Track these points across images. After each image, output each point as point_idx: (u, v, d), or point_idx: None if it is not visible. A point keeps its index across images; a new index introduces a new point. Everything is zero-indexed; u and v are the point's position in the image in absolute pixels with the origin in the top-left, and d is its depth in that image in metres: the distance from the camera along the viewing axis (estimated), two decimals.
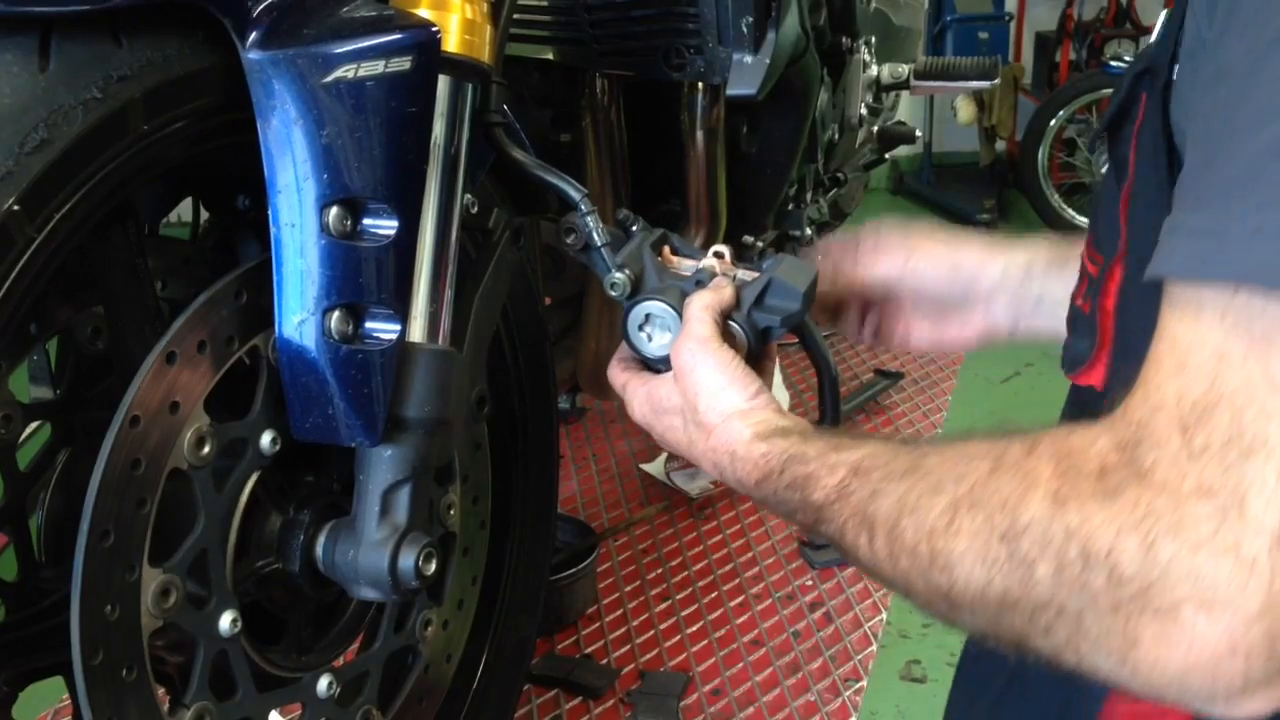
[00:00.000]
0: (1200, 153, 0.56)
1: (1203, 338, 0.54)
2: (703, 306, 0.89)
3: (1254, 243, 0.51)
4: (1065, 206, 4.40)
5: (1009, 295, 1.02)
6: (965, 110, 4.54)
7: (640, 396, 0.92)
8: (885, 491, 0.69)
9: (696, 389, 0.86)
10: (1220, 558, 0.51)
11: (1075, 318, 0.82)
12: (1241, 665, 0.52)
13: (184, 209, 1.08)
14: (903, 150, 4.03)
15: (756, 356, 0.93)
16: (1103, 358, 0.79)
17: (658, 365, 0.93)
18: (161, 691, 0.88)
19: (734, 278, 0.96)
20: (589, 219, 0.96)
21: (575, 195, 0.97)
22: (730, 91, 1.39)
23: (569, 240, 0.97)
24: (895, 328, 1.09)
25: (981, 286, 1.02)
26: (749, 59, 1.37)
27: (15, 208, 0.70)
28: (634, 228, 0.99)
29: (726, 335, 0.90)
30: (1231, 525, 0.51)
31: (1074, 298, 0.83)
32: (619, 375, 0.96)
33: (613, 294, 0.94)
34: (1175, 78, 0.65)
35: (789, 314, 0.93)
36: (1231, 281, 0.52)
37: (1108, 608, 0.55)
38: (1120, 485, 0.55)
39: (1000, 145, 4.77)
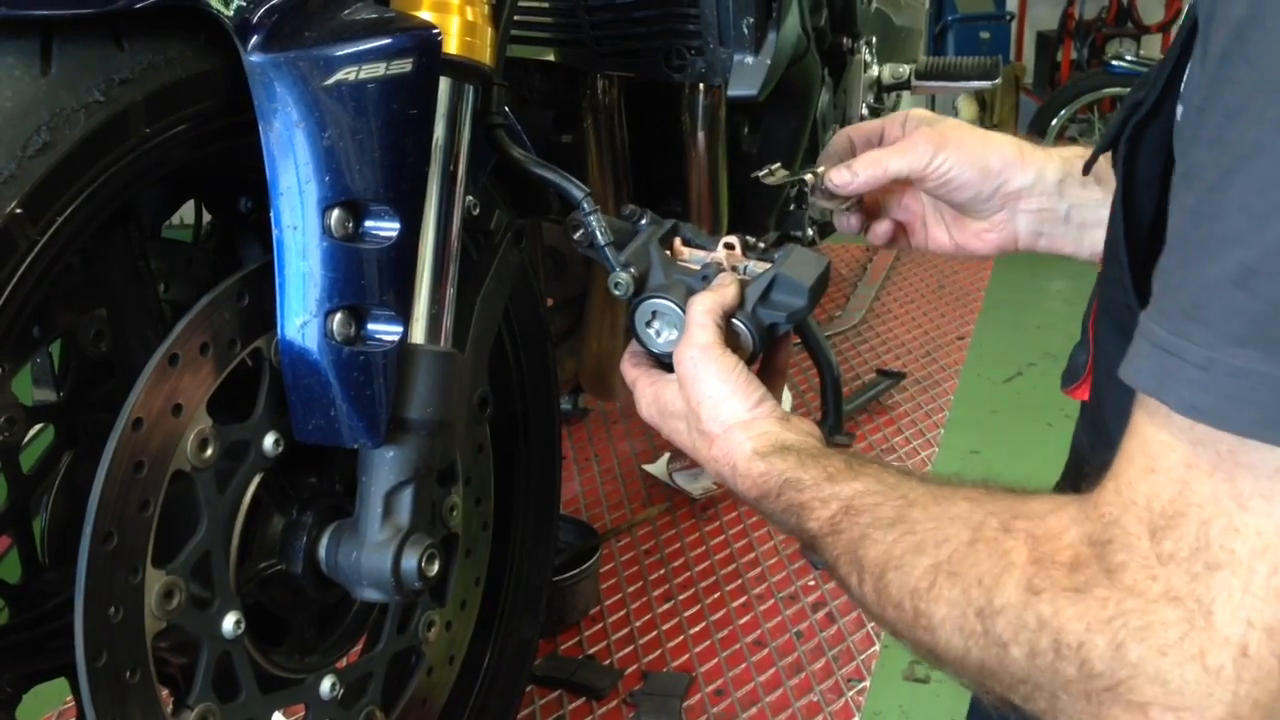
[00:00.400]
0: (1172, 254, 0.56)
1: (1171, 445, 0.55)
2: (704, 310, 0.88)
3: (1206, 379, 0.52)
4: None
5: (1037, 204, 0.99)
6: (967, 110, 4.54)
7: (648, 397, 0.92)
8: (873, 539, 0.71)
9: (699, 398, 0.86)
10: (1187, 664, 0.53)
11: (1083, 327, 0.82)
12: None
13: (186, 211, 1.08)
14: None
15: (762, 352, 0.93)
16: (1089, 372, 0.80)
17: (667, 360, 0.93)
18: (165, 693, 0.89)
19: (744, 269, 0.95)
20: (592, 218, 0.96)
21: (578, 194, 0.98)
22: (731, 92, 1.39)
23: (575, 237, 0.97)
24: (914, 227, 1.06)
25: (1010, 189, 0.98)
26: (750, 60, 1.37)
27: (18, 211, 0.70)
28: (641, 221, 0.99)
29: (730, 335, 0.89)
30: (1198, 634, 0.53)
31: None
32: (630, 371, 0.96)
33: (616, 294, 0.94)
34: (1179, 119, 0.63)
35: (794, 310, 0.92)
36: (1187, 413, 0.53)
37: (1080, 693, 0.57)
38: (1091, 581, 0.57)
39: None
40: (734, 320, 0.91)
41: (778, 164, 1.07)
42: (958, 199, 1.00)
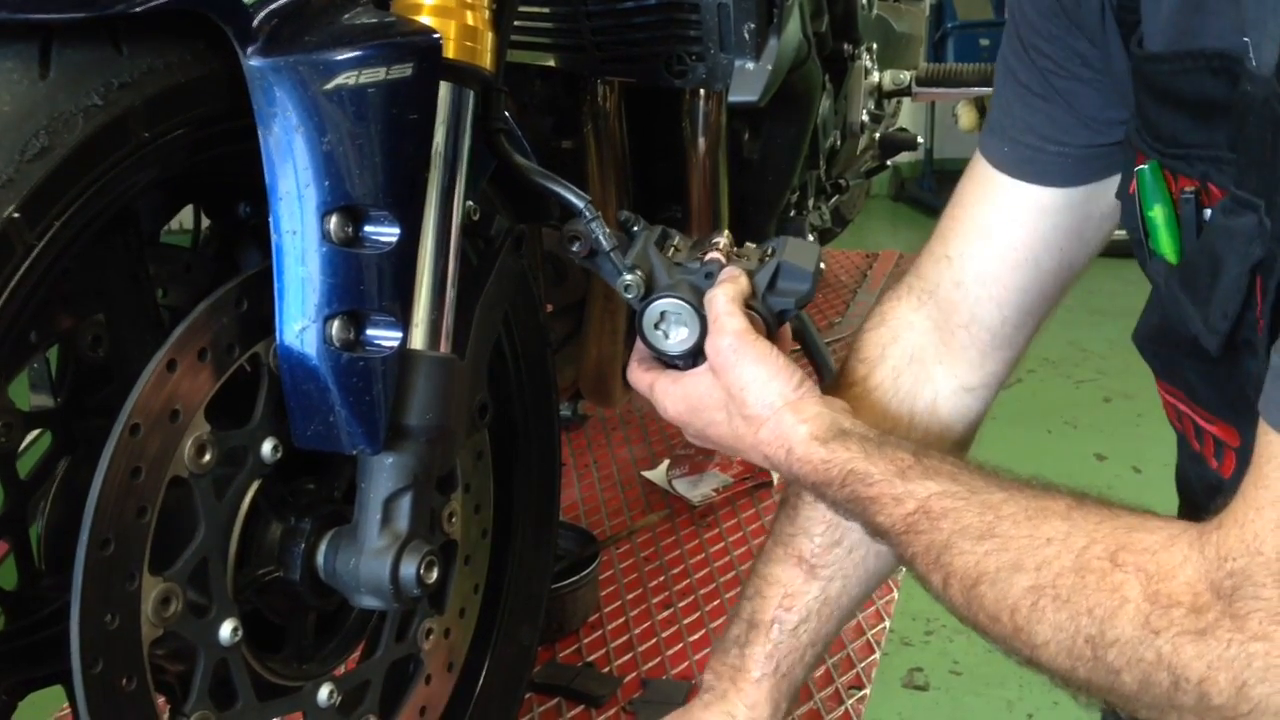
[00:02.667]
0: None
1: None
2: (729, 299, 0.90)
3: None
4: None
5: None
6: (966, 116, 4.53)
7: (674, 395, 0.91)
8: (960, 549, 0.70)
9: (742, 383, 0.86)
10: None
11: (1215, 484, 0.79)
12: None
13: (184, 216, 1.08)
14: (903, 156, 4.03)
15: (773, 340, 0.94)
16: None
17: (677, 362, 0.93)
18: (161, 700, 0.88)
19: (745, 261, 0.96)
20: (594, 224, 0.96)
21: (578, 203, 0.98)
22: (732, 98, 1.39)
23: (573, 248, 0.97)
24: None
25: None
26: (751, 65, 1.37)
27: (15, 215, 0.70)
28: (635, 228, 1.00)
29: (753, 324, 0.90)
30: None
31: (1202, 459, 0.80)
32: (643, 376, 0.95)
33: (627, 296, 0.94)
34: None
35: (801, 295, 0.94)
36: None
37: (1193, 714, 0.59)
38: (1214, 625, 0.58)
39: None
40: (749, 309, 0.92)
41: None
42: None
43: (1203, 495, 0.81)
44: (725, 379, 0.87)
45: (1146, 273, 0.79)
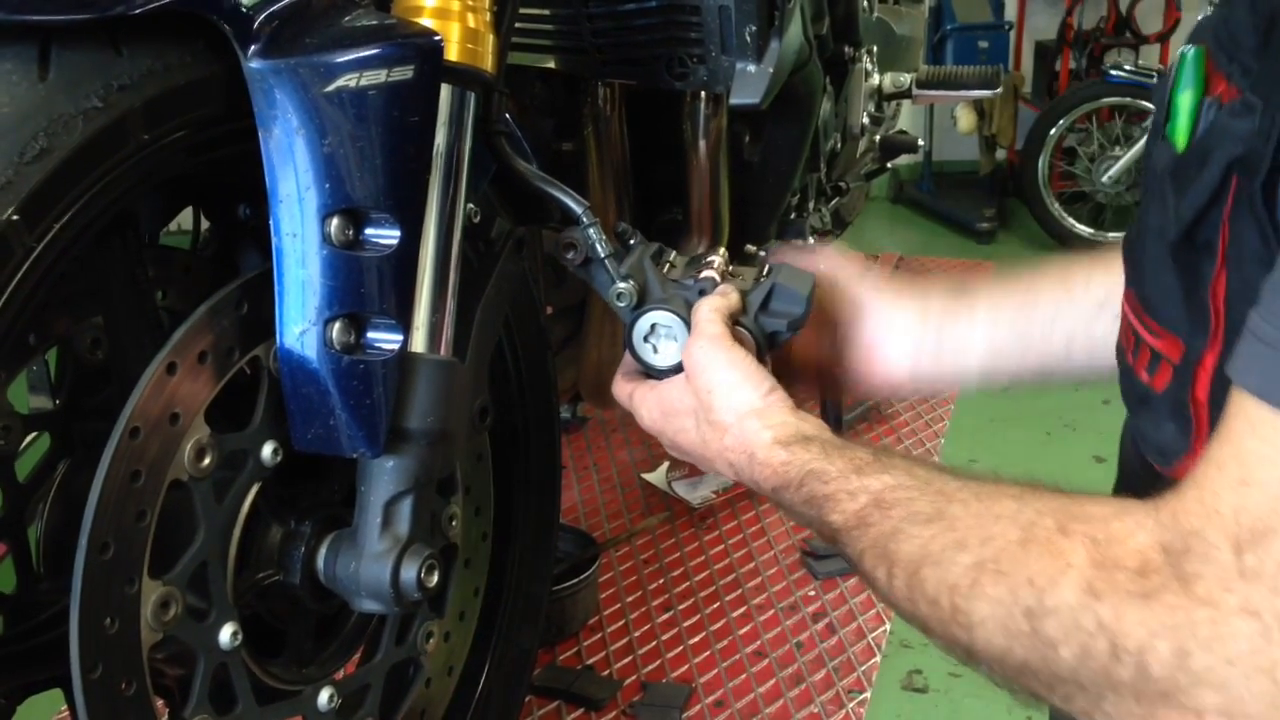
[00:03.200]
0: None
1: (1271, 457, 0.53)
2: (711, 309, 0.89)
3: None
4: (1065, 215, 4.40)
5: (911, 340, 0.99)
6: (965, 119, 4.54)
7: (649, 402, 0.91)
8: (907, 534, 0.68)
9: (710, 386, 0.85)
10: (1255, 676, 0.52)
11: (1143, 397, 0.78)
12: None
13: (184, 218, 1.08)
14: (903, 159, 4.04)
15: (762, 362, 0.93)
16: (1199, 449, 0.77)
17: (661, 377, 0.93)
18: (161, 704, 0.88)
19: (740, 281, 0.96)
20: (591, 230, 0.96)
21: (577, 209, 0.97)
22: (733, 101, 1.39)
23: (569, 256, 0.97)
24: (820, 377, 1.05)
25: (894, 323, 0.99)
26: (752, 68, 1.37)
27: (14, 218, 0.70)
28: (632, 241, 1.00)
29: (737, 338, 0.90)
30: (1273, 649, 0.52)
31: (1133, 371, 0.79)
32: (624, 387, 0.95)
33: (619, 304, 0.94)
34: None
35: (795, 318, 0.93)
36: None
37: (1130, 696, 0.55)
38: (1160, 588, 0.55)
39: (1000, 154, 4.78)
40: (738, 326, 0.91)
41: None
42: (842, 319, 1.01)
43: (1132, 404, 0.80)
44: (696, 383, 0.87)
45: (1149, 161, 0.78)
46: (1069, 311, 0.96)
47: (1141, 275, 0.78)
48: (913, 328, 0.99)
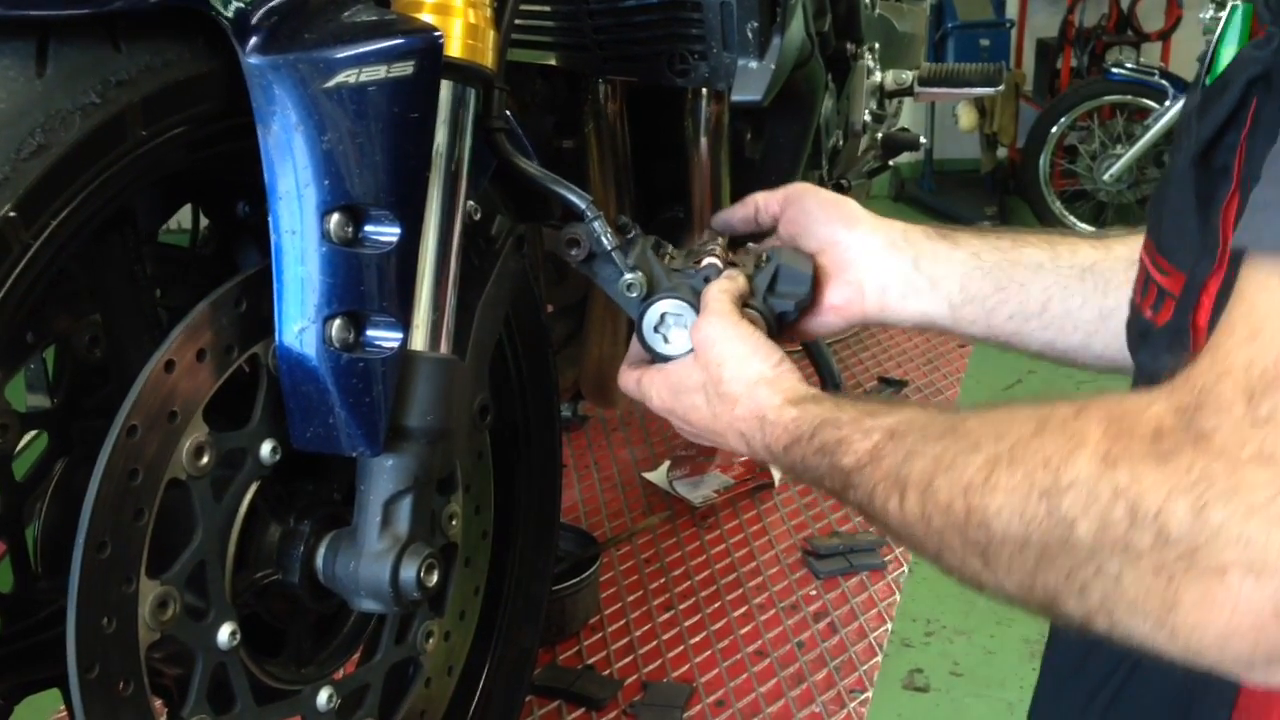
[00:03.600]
0: None
1: None
2: (720, 290, 0.91)
3: None
4: (1066, 214, 4.40)
5: (883, 238, 0.99)
6: (967, 117, 4.53)
7: (659, 384, 0.92)
8: (920, 453, 0.68)
9: (720, 360, 0.87)
10: (1274, 525, 0.50)
11: (1144, 331, 0.79)
12: None
13: (183, 215, 1.07)
14: (904, 157, 4.04)
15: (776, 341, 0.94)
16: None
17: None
18: (159, 704, 0.87)
19: (743, 266, 0.97)
20: (596, 224, 0.96)
21: (580, 204, 0.97)
22: (735, 97, 1.38)
23: (572, 252, 0.97)
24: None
25: (860, 222, 0.99)
26: (754, 64, 1.36)
27: (12, 214, 0.69)
28: (631, 234, 1.00)
29: (747, 319, 0.91)
30: None
31: (1139, 309, 0.80)
32: (631, 375, 0.96)
33: (629, 296, 0.94)
34: None
35: (801, 298, 0.95)
36: None
37: (1150, 569, 0.54)
38: (1176, 448, 0.54)
39: (1001, 152, 4.77)
40: (748, 309, 0.93)
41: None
42: (811, 230, 1.01)
43: (1133, 341, 0.82)
44: (706, 357, 0.88)
45: (1185, 117, 0.79)
46: (1051, 272, 0.97)
47: (1160, 219, 0.79)
48: (888, 252, 0.99)
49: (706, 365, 0.88)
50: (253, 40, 0.79)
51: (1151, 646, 0.56)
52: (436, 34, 0.85)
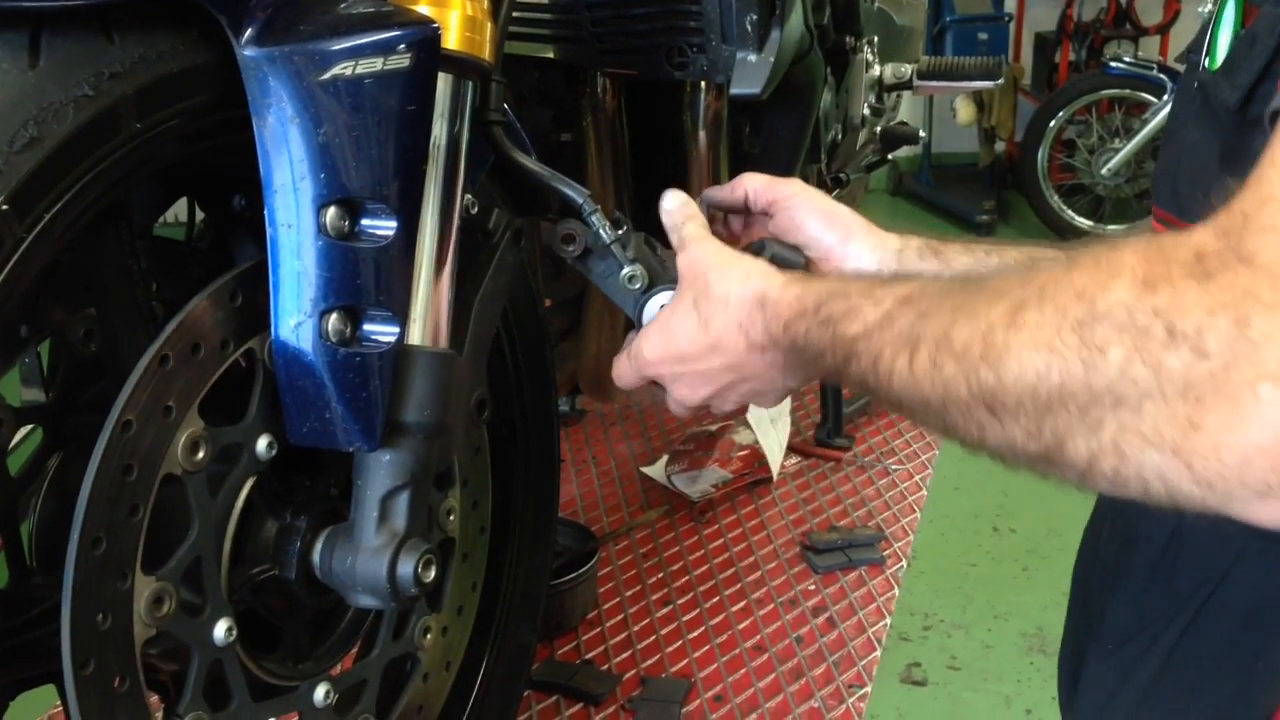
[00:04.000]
0: None
1: None
2: (698, 225, 0.91)
3: None
4: (1065, 208, 4.39)
5: (875, 257, 0.97)
6: (965, 111, 4.53)
7: (650, 337, 0.89)
8: (937, 309, 0.65)
9: (707, 265, 0.86)
10: None
11: None
12: None
13: (179, 208, 1.06)
14: (902, 150, 4.03)
15: None
16: None
17: None
18: (155, 700, 0.87)
19: None
20: (594, 217, 0.95)
21: (578, 199, 0.96)
22: (734, 91, 1.38)
23: (568, 248, 0.96)
24: None
25: (853, 246, 0.97)
26: (753, 58, 1.36)
27: (4, 207, 0.69)
28: (624, 229, 0.99)
29: None
30: None
31: None
32: (621, 356, 0.94)
33: (630, 288, 0.94)
34: None
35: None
36: None
37: (1177, 391, 0.52)
38: (1219, 267, 0.53)
39: (999, 146, 4.77)
40: None
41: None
42: (801, 238, 0.99)
43: None
44: (694, 271, 0.86)
45: (1182, 95, 0.80)
46: None
47: (1177, 187, 0.78)
48: (873, 250, 0.97)
49: (695, 278, 0.86)
50: (248, 32, 0.79)
51: (1157, 486, 0.54)
52: (434, 26, 0.84)
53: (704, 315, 0.85)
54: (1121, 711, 0.86)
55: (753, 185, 1.00)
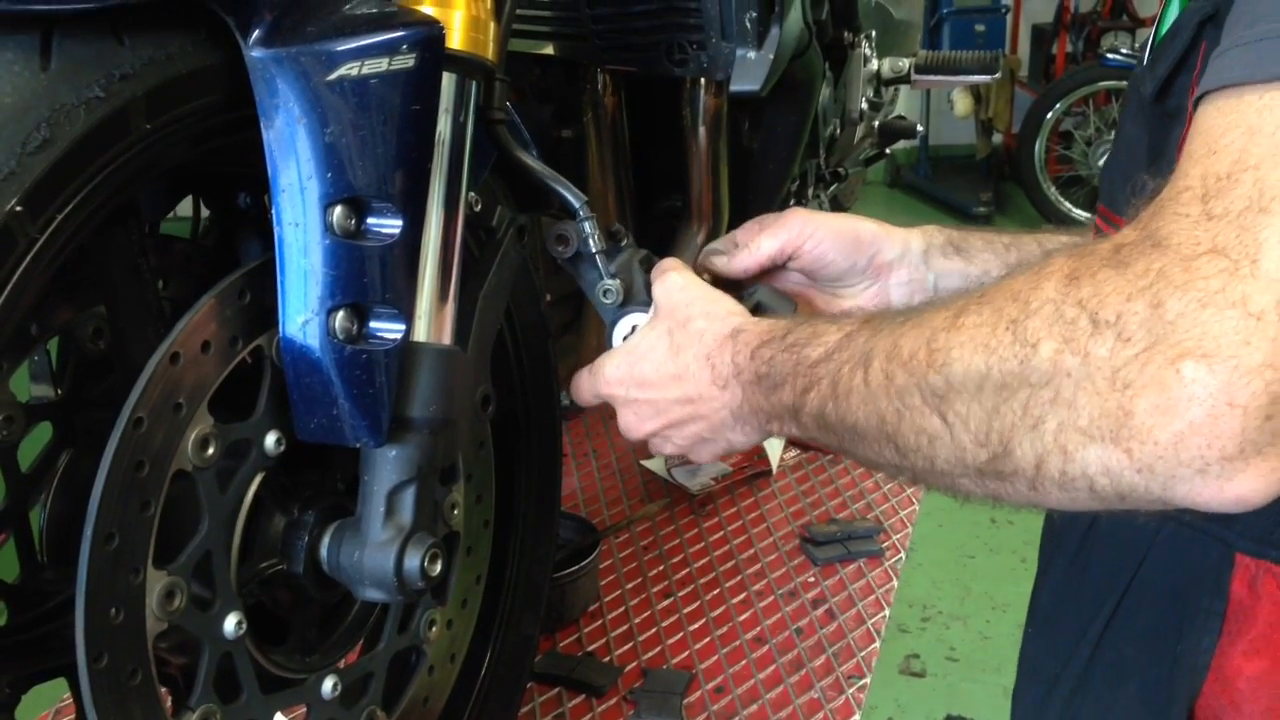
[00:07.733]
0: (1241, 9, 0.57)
1: (1236, 121, 0.54)
2: (678, 260, 0.94)
3: None
4: (1062, 199, 4.41)
5: (907, 275, 1.00)
6: (962, 103, 4.54)
7: (616, 357, 0.91)
8: (890, 326, 0.68)
9: (688, 300, 0.88)
10: (1226, 311, 0.51)
11: None
12: (1239, 423, 0.51)
13: (183, 205, 1.07)
14: (900, 143, 4.05)
15: None
16: None
17: None
18: (165, 693, 0.88)
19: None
20: (587, 224, 0.97)
21: (575, 203, 0.98)
22: (734, 87, 1.38)
23: (559, 249, 0.98)
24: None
25: (881, 261, 1.00)
26: (752, 54, 1.36)
27: (18, 208, 0.69)
28: (623, 242, 1.00)
29: None
30: (1242, 280, 0.51)
31: None
32: (584, 375, 0.95)
33: (604, 301, 0.95)
34: None
35: None
36: (1268, 79, 0.53)
37: (1106, 380, 0.54)
38: (1134, 256, 0.55)
39: (997, 138, 4.78)
40: None
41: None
42: (831, 273, 1.01)
43: None
44: (671, 301, 0.88)
45: (1131, 93, 0.82)
46: None
47: (1112, 182, 0.80)
48: (902, 249, 1.00)
49: (674, 309, 0.87)
50: (255, 34, 0.79)
51: (1103, 482, 0.56)
52: (438, 26, 0.85)
53: (676, 343, 0.86)
54: (1058, 703, 0.87)
55: (767, 247, 1.00)
